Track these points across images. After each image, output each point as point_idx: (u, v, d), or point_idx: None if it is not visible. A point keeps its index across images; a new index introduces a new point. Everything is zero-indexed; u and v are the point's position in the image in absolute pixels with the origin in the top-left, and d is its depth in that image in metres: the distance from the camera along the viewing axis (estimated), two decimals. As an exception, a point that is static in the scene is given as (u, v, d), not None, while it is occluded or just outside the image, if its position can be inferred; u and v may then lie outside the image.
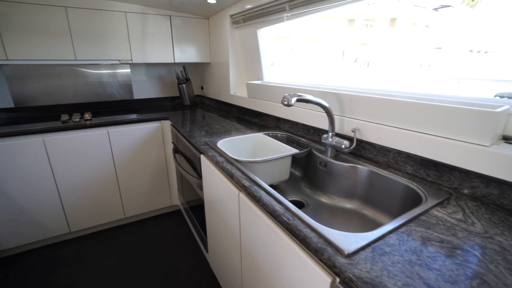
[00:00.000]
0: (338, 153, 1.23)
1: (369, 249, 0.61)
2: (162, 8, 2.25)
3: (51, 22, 1.91)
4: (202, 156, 1.38)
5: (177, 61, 2.41)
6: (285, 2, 1.55)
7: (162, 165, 2.21)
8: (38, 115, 2.24)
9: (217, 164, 1.17)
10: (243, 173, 1.02)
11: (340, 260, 0.57)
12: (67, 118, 2.02)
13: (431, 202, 0.80)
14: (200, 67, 2.87)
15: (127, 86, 2.53)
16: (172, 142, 2.10)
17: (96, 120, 1.99)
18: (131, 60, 2.23)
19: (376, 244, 0.63)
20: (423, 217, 0.73)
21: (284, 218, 0.73)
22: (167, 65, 2.71)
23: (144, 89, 2.66)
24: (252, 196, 0.89)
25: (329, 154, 1.22)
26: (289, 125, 1.63)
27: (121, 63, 2.24)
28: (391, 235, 0.66)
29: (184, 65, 2.54)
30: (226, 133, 1.61)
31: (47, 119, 2.06)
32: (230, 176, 1.05)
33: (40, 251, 1.94)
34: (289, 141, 1.54)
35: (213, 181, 1.27)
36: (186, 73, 2.53)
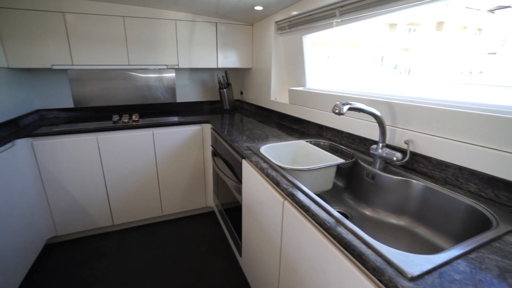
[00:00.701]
0: (387, 165, 1.17)
1: (435, 274, 0.56)
2: (209, 15, 2.34)
3: (111, 31, 2.08)
4: (244, 161, 1.39)
5: (220, 66, 2.49)
6: (335, 8, 1.52)
7: (200, 167, 2.28)
8: (93, 115, 2.44)
9: (261, 170, 1.17)
10: (289, 181, 1.01)
11: (404, 284, 0.53)
12: (117, 118, 2.17)
13: (504, 227, 0.72)
14: (240, 73, 2.92)
15: (171, 90, 2.66)
16: (211, 145, 2.15)
17: (142, 122, 2.11)
18: (178, 65, 2.34)
19: (443, 269, 0.57)
20: (496, 244, 0.66)
21: (337, 232, 0.70)
22: (209, 70, 2.80)
23: (187, 93, 2.78)
24: (300, 206, 0.87)
25: (377, 166, 1.16)
26: (332, 134, 1.58)
27: (168, 68, 2.35)
28: (459, 260, 0.60)
29: (226, 70, 2.61)
30: (267, 139, 1.61)
31: (100, 119, 2.23)
32: (276, 184, 1.04)
33: (87, 240, 2.09)
34: (332, 150, 1.49)
35: (255, 187, 1.27)
36: (227, 78, 2.60)
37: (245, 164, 1.38)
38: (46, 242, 1.99)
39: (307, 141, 1.54)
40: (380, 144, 1.14)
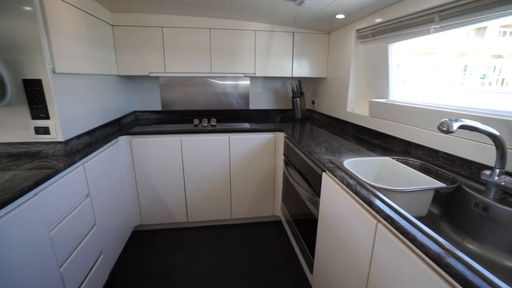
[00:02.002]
0: (506, 195, 0.99)
1: None
2: (287, 25, 2.37)
3: (198, 42, 2.27)
4: (324, 174, 1.35)
5: (294, 75, 2.49)
6: (434, 13, 1.37)
7: (270, 175, 2.30)
8: (176, 117, 2.70)
9: (348, 186, 1.11)
10: (384, 202, 0.93)
11: None
12: (197, 122, 2.35)
13: None
14: (313, 82, 2.89)
15: (245, 97, 2.77)
16: (284, 154, 2.16)
17: (219, 126, 2.24)
18: (254, 73, 2.42)
19: None
20: None
21: (460, 272, 0.61)
22: (282, 78, 2.83)
23: (259, 100, 2.86)
24: (403, 233, 0.79)
25: (492, 196, 0.99)
26: (424, 152, 1.42)
27: (245, 76, 2.46)
28: None
29: (299, 79, 2.60)
30: (347, 152, 1.54)
31: (183, 122, 2.44)
32: (368, 204, 0.97)
33: (165, 232, 2.29)
34: (424, 171, 1.34)
35: (337, 202, 1.21)
36: (301, 87, 2.59)
37: (325, 178, 1.33)
38: (133, 228, 2.25)
39: (394, 159, 1.41)
40: (497, 170, 0.97)
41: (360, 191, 1.02)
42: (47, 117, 1.39)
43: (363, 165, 1.41)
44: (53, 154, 1.43)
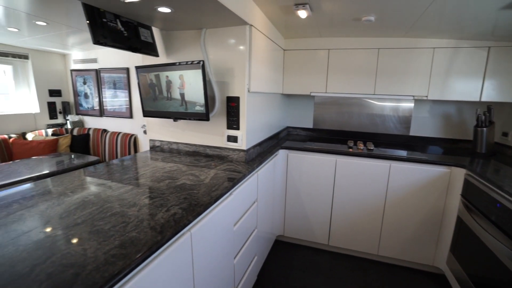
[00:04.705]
0: None
1: None
2: (480, 39, 1.95)
3: (363, 63, 2.20)
4: None
5: (484, 99, 2.01)
6: None
7: (437, 217, 1.90)
8: (326, 136, 2.70)
9: None
10: None
11: None
12: (352, 144, 2.25)
13: None
14: (507, 109, 2.23)
15: (406, 121, 2.46)
16: (462, 195, 1.74)
17: (378, 151, 2.06)
18: (427, 96, 2.11)
19: None
20: None
21: None
22: (459, 103, 2.34)
23: (423, 126, 2.47)
24: None
25: None
26: None
27: (414, 99, 2.18)
28: None
29: (490, 105, 2.06)
30: None
31: (332, 141, 2.41)
32: None
33: (304, 249, 2.29)
34: None
35: None
36: (490, 115, 2.04)
37: None
38: (276, 237, 2.38)
39: None
40: None
41: None
42: (237, 128, 1.67)
43: None
44: (237, 159, 1.69)
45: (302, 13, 1.58)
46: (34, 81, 3.22)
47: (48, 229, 0.82)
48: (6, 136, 2.87)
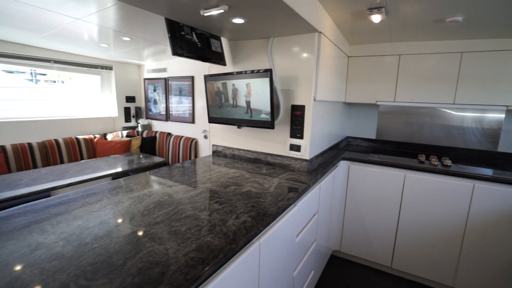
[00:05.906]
0: None
1: None
2: None
3: (441, 68, 1.98)
4: None
5: None
6: None
7: (536, 250, 1.59)
8: (391, 148, 2.49)
9: None
10: None
11: None
12: (423, 158, 2.03)
13: None
14: None
15: (494, 135, 2.12)
16: None
17: (456, 168, 1.81)
18: (524, 107, 1.80)
19: None
20: None
21: None
22: None
23: (515, 142, 2.11)
24: None
25: None
26: None
27: (508, 109, 1.88)
28: None
29: None
30: None
31: (401, 155, 2.21)
32: None
33: (363, 269, 2.12)
34: None
35: None
36: None
37: None
38: (331, 252, 2.26)
39: None
40: None
41: None
42: (301, 137, 1.63)
43: None
44: (299, 169, 1.66)
45: (376, 18, 1.49)
46: (115, 89, 3.67)
47: (134, 225, 0.90)
48: (92, 136, 3.32)
